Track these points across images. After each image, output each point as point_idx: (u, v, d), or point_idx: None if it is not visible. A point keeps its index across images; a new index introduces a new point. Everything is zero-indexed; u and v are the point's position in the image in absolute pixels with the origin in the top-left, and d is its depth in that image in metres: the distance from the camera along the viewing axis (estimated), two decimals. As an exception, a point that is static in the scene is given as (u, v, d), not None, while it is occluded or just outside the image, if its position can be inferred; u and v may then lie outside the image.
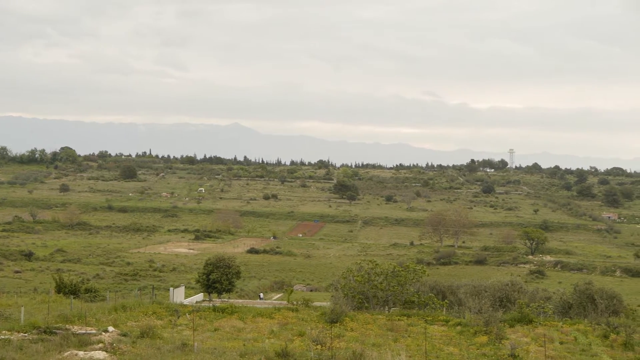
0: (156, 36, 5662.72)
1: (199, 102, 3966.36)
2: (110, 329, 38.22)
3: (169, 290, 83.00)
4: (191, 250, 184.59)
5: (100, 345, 33.25)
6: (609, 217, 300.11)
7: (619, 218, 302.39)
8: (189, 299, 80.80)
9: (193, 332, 40.65)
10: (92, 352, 31.30)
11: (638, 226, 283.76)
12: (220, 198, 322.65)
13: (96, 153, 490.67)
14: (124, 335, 37.24)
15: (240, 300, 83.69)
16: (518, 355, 38.67)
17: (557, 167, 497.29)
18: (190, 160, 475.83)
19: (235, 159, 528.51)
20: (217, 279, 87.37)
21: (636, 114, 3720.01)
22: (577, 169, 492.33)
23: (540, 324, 52.28)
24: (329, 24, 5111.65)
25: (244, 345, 38.72)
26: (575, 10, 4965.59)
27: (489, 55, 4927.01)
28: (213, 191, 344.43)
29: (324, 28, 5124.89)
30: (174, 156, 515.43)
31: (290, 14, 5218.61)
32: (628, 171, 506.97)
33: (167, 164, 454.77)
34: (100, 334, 36.20)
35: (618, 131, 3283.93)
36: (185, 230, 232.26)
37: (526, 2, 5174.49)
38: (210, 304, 61.59)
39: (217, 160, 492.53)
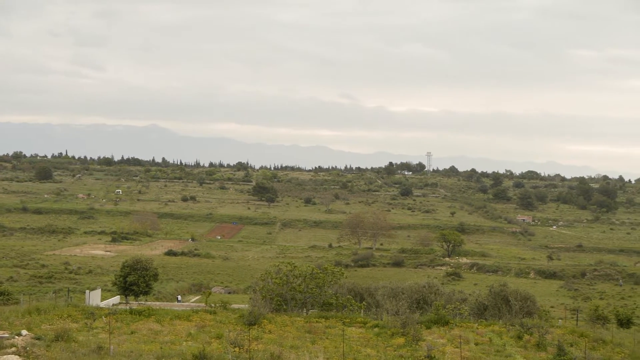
0: (71, 36, 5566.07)
1: (116, 102, 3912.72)
2: (24, 332, 37.56)
3: (85, 292, 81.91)
4: (108, 253, 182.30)
5: (13, 349, 32.67)
6: (524, 219, 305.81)
7: (533, 221, 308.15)
8: (105, 302, 79.88)
9: (109, 335, 40.16)
10: (5, 356, 30.74)
11: (551, 229, 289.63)
12: (138, 200, 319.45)
13: (10, 154, 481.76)
14: (38, 338, 36.63)
15: (157, 303, 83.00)
16: (434, 357, 39.13)
17: (473, 170, 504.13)
18: (108, 162, 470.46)
19: (153, 160, 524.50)
20: (134, 281, 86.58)
21: (548, 119, 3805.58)
22: (493, 172, 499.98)
23: (456, 325, 52.97)
24: (245, 26, 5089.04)
25: (161, 348, 38.43)
26: (489, 16, 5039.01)
27: (405, 59, 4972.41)
28: (130, 193, 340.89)
29: (240, 30, 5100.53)
30: (90, 157, 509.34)
31: (205, 15, 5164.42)
32: (542, 175, 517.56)
33: (84, 165, 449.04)
34: (14, 338, 35.55)
35: (531, 135, 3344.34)
36: (102, 232, 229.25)
37: (439, 8, 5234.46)
38: (127, 307, 60.96)
39: (135, 162, 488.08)
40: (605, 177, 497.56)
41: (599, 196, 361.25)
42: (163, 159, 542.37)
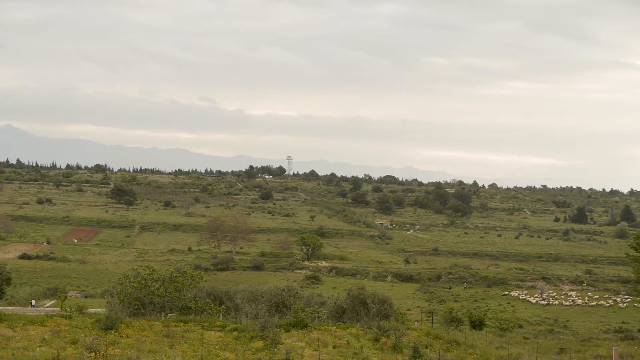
0: None
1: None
2: None
3: None
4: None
5: None
6: (382, 223, 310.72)
7: (391, 225, 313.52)
8: (-46, 307, 77.32)
9: (-42, 342, 38.92)
10: None
11: (408, 232, 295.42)
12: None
13: None
14: None
15: (10, 308, 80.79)
16: None
17: (333, 175, 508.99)
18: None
19: (7, 161, 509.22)
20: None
21: (405, 124, 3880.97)
22: (353, 176, 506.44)
23: (314, 328, 53.45)
24: (101, 26, 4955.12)
25: (13, 354, 37.46)
26: (344, 22, 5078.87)
27: (264, 63, 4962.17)
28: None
29: (95, 30, 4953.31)
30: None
31: (59, 14, 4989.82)
32: (400, 179, 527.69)
33: None
34: None
35: (389, 140, 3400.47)
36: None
37: (296, 13, 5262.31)
38: (-22, 312, 59.11)
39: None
40: (461, 182, 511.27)
41: (454, 201, 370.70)
42: (18, 160, 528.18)
